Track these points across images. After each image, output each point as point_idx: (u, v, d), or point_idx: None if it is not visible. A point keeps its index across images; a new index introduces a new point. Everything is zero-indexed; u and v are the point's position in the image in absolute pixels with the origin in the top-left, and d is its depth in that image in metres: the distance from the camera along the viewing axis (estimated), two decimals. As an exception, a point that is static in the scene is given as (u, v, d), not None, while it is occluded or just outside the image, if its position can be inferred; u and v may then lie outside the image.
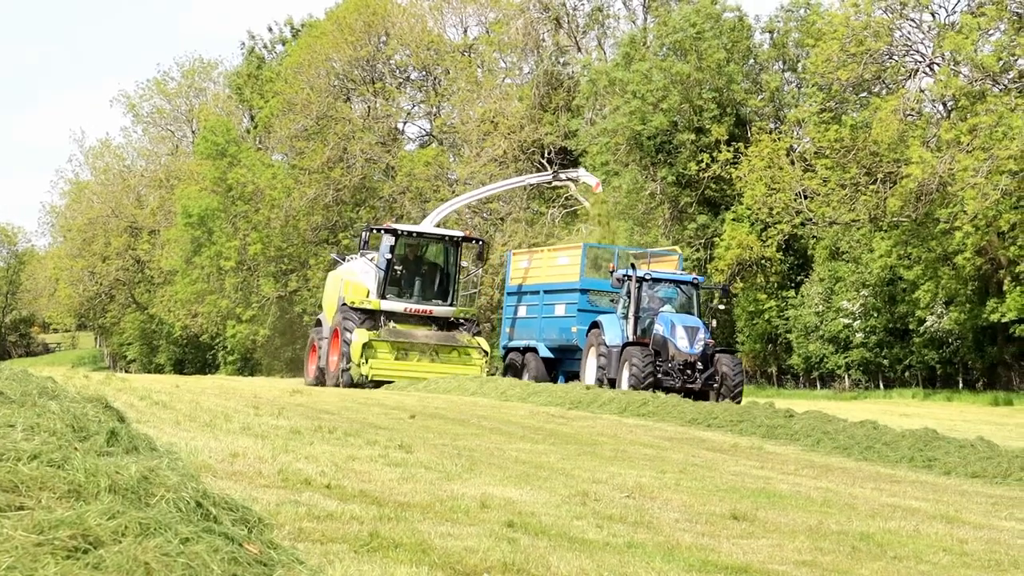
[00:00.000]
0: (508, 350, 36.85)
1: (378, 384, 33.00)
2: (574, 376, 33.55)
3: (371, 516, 8.90)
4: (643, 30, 58.43)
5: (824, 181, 45.98)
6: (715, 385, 29.54)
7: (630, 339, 30.41)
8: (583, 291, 34.27)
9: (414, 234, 36.37)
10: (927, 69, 45.16)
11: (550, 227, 56.26)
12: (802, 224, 48.63)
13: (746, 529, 10.22)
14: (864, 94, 47.56)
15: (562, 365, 35.30)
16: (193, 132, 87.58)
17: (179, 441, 11.56)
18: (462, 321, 35.63)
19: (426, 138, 69.67)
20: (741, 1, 54.97)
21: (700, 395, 29.08)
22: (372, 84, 67.39)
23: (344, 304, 35.09)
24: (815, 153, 47.74)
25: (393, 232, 35.60)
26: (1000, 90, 41.35)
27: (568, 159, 59.43)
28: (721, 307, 35.97)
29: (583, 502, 10.79)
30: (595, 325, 31.76)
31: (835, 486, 14.03)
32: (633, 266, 31.57)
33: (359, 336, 33.55)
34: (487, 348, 35.41)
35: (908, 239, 45.91)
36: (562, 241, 48.16)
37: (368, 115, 67.23)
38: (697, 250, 52.52)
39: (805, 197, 47.14)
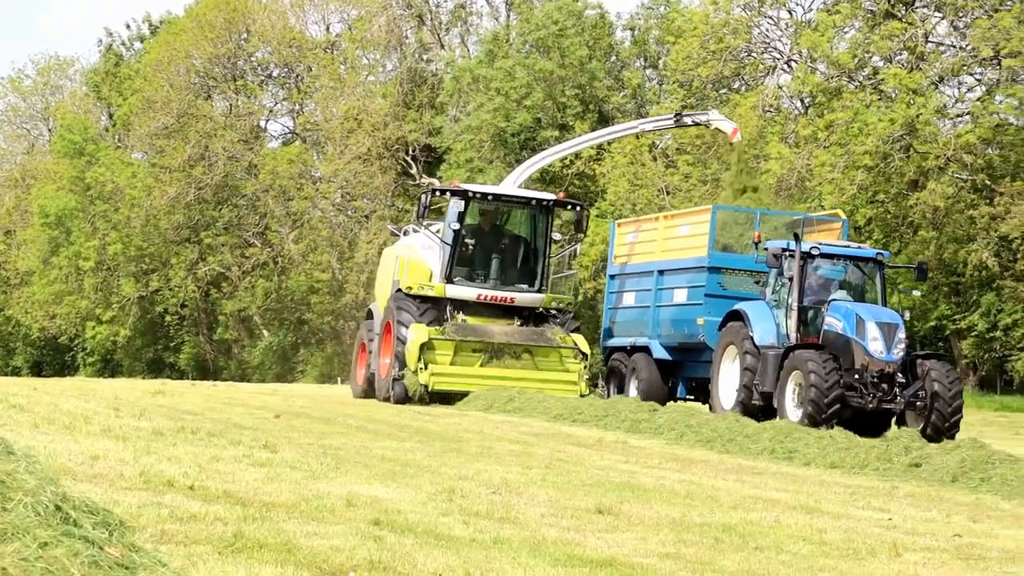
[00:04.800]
0: (610, 350, 29.11)
1: (452, 399, 25.98)
2: (700, 386, 26.61)
3: (235, 517, 8.82)
4: (506, 27, 58.64)
5: (686, 177, 46.53)
6: (919, 404, 21.51)
7: (792, 339, 22.35)
8: (713, 270, 25.88)
9: (490, 197, 28.16)
10: (785, 66, 45.94)
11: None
12: (665, 220, 49.11)
13: (611, 523, 10.29)
14: (724, 91, 48.29)
15: (683, 370, 27.34)
16: (50, 130, 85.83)
17: (37, 444, 11.36)
18: (554, 312, 27.97)
19: (289, 136, 69.18)
20: (603, -1, 55.75)
21: (897, 420, 21.96)
22: (233, 81, 66.71)
23: (399, 290, 27.34)
24: (676, 149, 48.28)
25: (463, 195, 27.46)
26: (855, 87, 42.17)
27: (432, 156, 59.40)
28: (916, 292, 26.53)
29: (449, 499, 10.79)
30: (734, 316, 23.58)
31: (698, 479, 14.20)
32: (797, 237, 22.83)
33: (416, 334, 25.88)
34: (586, 349, 27.26)
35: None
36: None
37: (230, 113, 66.56)
38: (562, 246, 52.59)
39: (667, 193, 47.63)
